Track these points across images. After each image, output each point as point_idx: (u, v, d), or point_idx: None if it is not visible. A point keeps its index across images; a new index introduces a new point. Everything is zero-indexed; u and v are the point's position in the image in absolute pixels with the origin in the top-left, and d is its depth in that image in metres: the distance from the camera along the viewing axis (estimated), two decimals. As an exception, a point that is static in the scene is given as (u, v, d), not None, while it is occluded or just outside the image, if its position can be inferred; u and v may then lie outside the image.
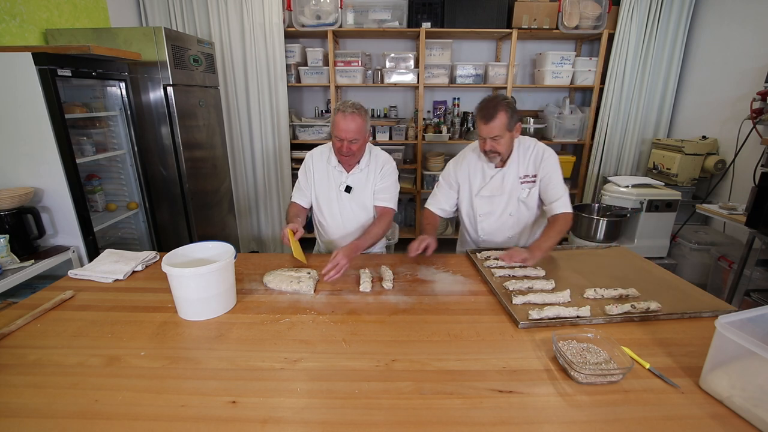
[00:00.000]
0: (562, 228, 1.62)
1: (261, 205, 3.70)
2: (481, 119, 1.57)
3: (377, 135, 3.51)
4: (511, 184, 1.73)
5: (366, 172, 1.78)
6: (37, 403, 0.88)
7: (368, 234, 1.67)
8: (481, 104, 1.60)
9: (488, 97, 1.62)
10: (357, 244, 1.58)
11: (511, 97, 1.58)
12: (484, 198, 1.78)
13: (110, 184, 2.48)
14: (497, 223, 1.80)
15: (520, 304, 1.27)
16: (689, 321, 1.21)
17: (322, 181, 1.80)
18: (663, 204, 2.81)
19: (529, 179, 1.72)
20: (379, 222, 1.75)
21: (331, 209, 1.81)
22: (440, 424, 0.83)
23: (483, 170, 1.77)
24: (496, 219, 1.80)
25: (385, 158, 1.82)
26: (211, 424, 0.83)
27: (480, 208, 1.80)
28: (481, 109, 1.58)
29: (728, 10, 2.97)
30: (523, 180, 1.72)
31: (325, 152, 1.81)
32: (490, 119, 1.54)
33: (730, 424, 0.83)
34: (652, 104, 3.44)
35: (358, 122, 1.59)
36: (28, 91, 1.75)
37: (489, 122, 1.55)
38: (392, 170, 1.81)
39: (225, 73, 3.32)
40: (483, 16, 3.21)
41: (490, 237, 1.83)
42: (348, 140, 1.61)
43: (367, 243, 1.65)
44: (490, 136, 1.58)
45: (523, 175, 1.72)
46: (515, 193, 1.73)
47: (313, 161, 1.81)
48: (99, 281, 1.46)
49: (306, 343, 1.11)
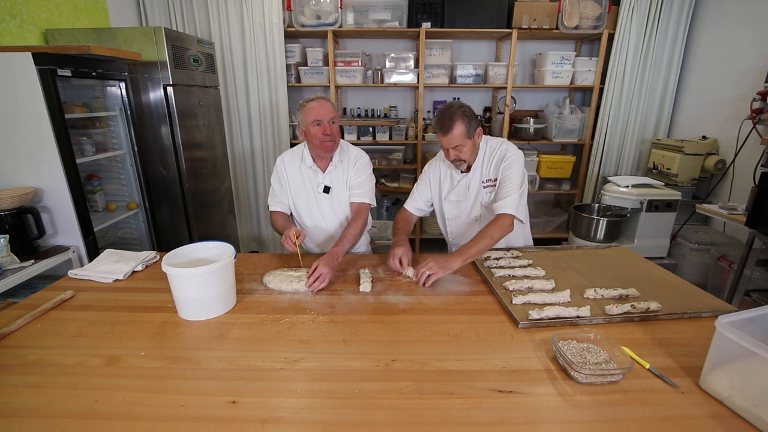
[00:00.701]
0: (495, 231, 1.51)
1: (261, 205, 3.70)
2: (439, 131, 1.57)
3: (377, 135, 3.51)
4: (476, 189, 1.73)
5: (340, 169, 1.77)
6: (37, 403, 0.88)
7: (345, 239, 1.61)
8: (437, 116, 1.59)
9: (443, 107, 1.60)
10: (336, 252, 1.52)
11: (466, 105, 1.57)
12: (452, 202, 1.79)
13: (110, 184, 2.48)
14: (464, 227, 1.82)
15: (520, 304, 1.27)
16: (689, 321, 1.21)
17: (298, 185, 1.78)
18: (663, 204, 2.81)
19: (491, 183, 1.70)
20: (355, 222, 1.70)
21: (311, 212, 1.80)
22: (440, 424, 0.83)
23: (451, 175, 1.79)
24: (462, 223, 1.82)
25: (357, 152, 1.80)
26: (211, 424, 0.83)
27: (448, 212, 1.82)
28: (438, 120, 1.57)
29: (728, 10, 2.97)
30: (485, 184, 1.71)
31: (296, 154, 1.78)
32: (448, 131, 1.54)
33: (730, 424, 0.83)
34: (652, 104, 3.44)
35: (330, 104, 1.64)
36: (28, 91, 1.75)
37: (447, 134, 1.54)
38: (366, 164, 1.80)
39: (225, 73, 3.32)
40: (483, 16, 3.21)
41: (459, 240, 1.83)
42: (328, 120, 1.61)
43: (346, 248, 1.60)
44: (451, 147, 1.58)
45: (486, 180, 1.71)
46: (479, 197, 1.73)
47: (285, 166, 1.78)
48: (99, 281, 1.46)
49: (306, 343, 1.11)
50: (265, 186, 3.63)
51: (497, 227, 1.53)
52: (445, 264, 1.43)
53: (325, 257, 1.47)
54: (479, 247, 1.49)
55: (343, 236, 1.63)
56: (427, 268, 1.42)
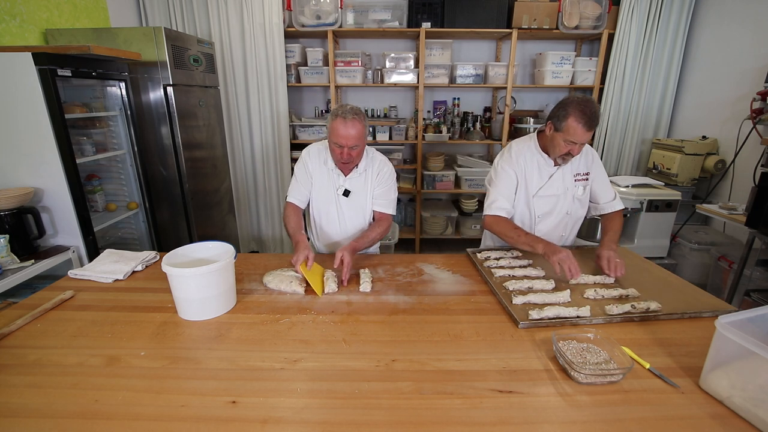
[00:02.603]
0: (622, 223, 1.71)
1: (261, 204, 3.70)
2: (584, 125, 1.46)
3: (377, 135, 3.51)
4: (568, 182, 1.71)
5: (364, 176, 1.74)
6: (37, 403, 0.88)
7: (366, 237, 1.64)
8: (583, 107, 1.46)
9: (586, 99, 1.49)
10: (355, 245, 1.56)
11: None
12: (543, 198, 1.71)
13: (110, 184, 2.48)
14: (554, 223, 1.76)
15: (520, 304, 1.27)
16: (689, 321, 1.21)
17: (321, 182, 1.75)
18: (663, 204, 2.81)
19: (582, 177, 1.72)
20: (378, 226, 1.72)
21: (328, 212, 1.78)
22: (440, 424, 0.83)
23: (539, 169, 1.69)
24: (554, 219, 1.75)
25: (382, 160, 1.78)
26: (211, 424, 0.83)
27: (539, 209, 1.73)
28: (586, 115, 1.45)
29: (728, 10, 2.97)
30: (577, 178, 1.71)
31: (322, 153, 1.75)
32: (593, 127, 1.48)
33: (730, 424, 0.83)
34: (652, 104, 3.44)
35: (358, 128, 1.54)
36: (28, 91, 1.75)
37: (590, 129, 1.48)
38: (390, 173, 1.77)
39: (225, 73, 3.32)
40: (483, 16, 3.21)
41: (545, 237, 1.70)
42: (348, 147, 1.56)
43: (364, 246, 1.63)
44: (585, 142, 1.53)
45: (576, 173, 1.71)
46: (570, 191, 1.72)
47: (310, 159, 1.75)
48: (99, 281, 1.46)
49: (306, 343, 1.11)
50: (265, 186, 3.63)
51: (622, 220, 1.72)
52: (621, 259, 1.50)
53: (347, 247, 1.51)
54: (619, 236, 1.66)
55: (364, 235, 1.66)
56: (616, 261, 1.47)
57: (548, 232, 1.76)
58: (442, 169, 3.63)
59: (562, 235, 1.81)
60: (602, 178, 1.74)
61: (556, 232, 1.78)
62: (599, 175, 1.74)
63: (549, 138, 1.60)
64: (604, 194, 1.74)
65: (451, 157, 3.86)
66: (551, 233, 1.77)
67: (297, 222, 1.70)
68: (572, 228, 1.82)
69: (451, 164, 3.77)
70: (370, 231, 1.70)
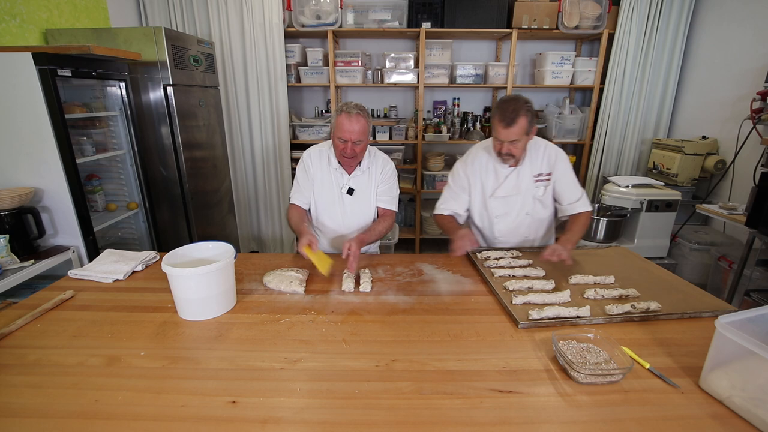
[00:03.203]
0: (585, 225, 1.67)
1: (261, 205, 3.70)
2: (500, 122, 1.51)
3: (377, 135, 3.51)
4: (526, 183, 1.71)
5: (368, 174, 1.77)
6: (37, 403, 0.88)
7: (373, 231, 1.69)
8: (501, 106, 1.52)
9: (508, 98, 1.54)
10: (363, 238, 1.61)
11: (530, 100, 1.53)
12: (499, 199, 1.74)
13: (110, 184, 2.48)
14: (514, 224, 1.77)
15: (520, 304, 1.27)
16: (689, 321, 1.21)
17: (324, 182, 1.77)
18: (663, 204, 2.81)
19: (544, 177, 1.70)
20: (383, 221, 1.77)
21: (332, 211, 1.79)
22: (440, 424, 0.83)
23: (495, 170, 1.73)
24: (512, 219, 1.77)
25: (385, 159, 1.81)
26: (211, 424, 0.83)
27: (495, 210, 1.76)
28: (501, 112, 1.50)
29: (728, 10, 2.97)
30: (537, 178, 1.70)
31: (324, 153, 1.77)
32: (511, 124, 1.49)
33: (730, 424, 0.83)
34: (652, 104, 3.44)
35: (362, 123, 1.58)
36: (28, 91, 1.75)
37: (509, 126, 1.50)
38: (393, 171, 1.82)
39: (225, 73, 3.32)
40: (483, 16, 3.21)
41: (506, 238, 1.80)
42: (352, 141, 1.59)
43: (372, 239, 1.68)
44: (509, 140, 1.54)
45: (537, 174, 1.70)
46: (530, 192, 1.72)
47: (312, 161, 1.77)
48: (99, 281, 1.46)
49: (306, 343, 1.11)
50: (265, 186, 3.63)
51: (587, 220, 1.68)
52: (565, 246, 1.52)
53: (355, 238, 1.56)
54: (579, 236, 1.63)
55: (372, 228, 1.71)
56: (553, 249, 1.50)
57: (508, 232, 1.79)
58: (442, 169, 3.62)
59: (526, 237, 1.80)
60: (567, 179, 1.71)
61: (518, 233, 1.78)
62: (563, 176, 1.70)
63: None
64: (567, 195, 1.71)
65: (451, 157, 3.85)
66: (511, 234, 1.79)
67: (299, 216, 1.74)
68: (537, 229, 1.80)
69: (451, 164, 3.74)
70: (376, 224, 1.74)
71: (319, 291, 1.40)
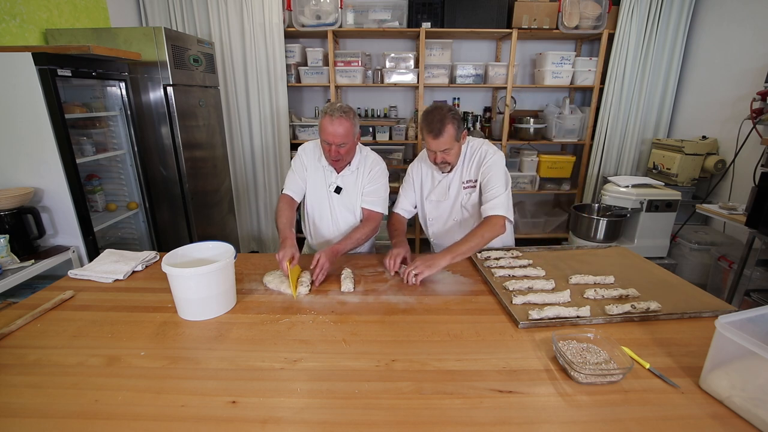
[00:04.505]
0: (487, 232, 1.51)
1: (261, 204, 3.70)
2: (428, 133, 1.54)
3: (377, 135, 3.51)
4: (455, 189, 1.72)
5: (356, 174, 1.76)
6: (37, 403, 0.88)
7: (349, 239, 1.62)
8: (426, 117, 1.54)
9: (432, 108, 1.56)
10: (337, 248, 1.54)
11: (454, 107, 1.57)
12: (432, 202, 1.79)
13: (110, 184, 2.48)
14: (444, 228, 1.81)
15: (520, 304, 1.27)
16: (689, 321, 1.21)
17: (315, 178, 1.77)
18: (663, 204, 2.81)
19: (471, 184, 1.70)
20: (364, 226, 1.71)
21: (321, 209, 1.80)
22: (440, 424, 0.83)
23: (432, 175, 1.78)
24: (443, 224, 1.81)
25: (375, 159, 1.79)
26: (211, 424, 0.83)
27: (429, 212, 1.81)
28: (427, 123, 1.53)
29: (728, 10, 2.97)
30: (465, 185, 1.70)
31: (316, 150, 1.77)
32: (439, 134, 1.51)
33: (730, 424, 0.83)
34: (652, 104, 3.44)
35: (345, 126, 1.55)
36: (28, 91, 1.75)
37: (437, 137, 1.52)
38: (381, 172, 1.78)
39: (225, 73, 3.32)
40: (483, 16, 3.21)
41: (440, 241, 1.83)
42: (336, 144, 1.58)
43: (348, 247, 1.61)
44: (440, 150, 1.56)
45: (466, 180, 1.70)
46: (459, 198, 1.73)
47: (305, 155, 1.77)
48: (99, 281, 1.46)
49: (306, 343, 1.11)
50: (265, 186, 3.63)
51: (489, 227, 1.53)
52: (432, 262, 1.42)
53: (327, 250, 1.50)
54: (469, 246, 1.48)
55: (349, 236, 1.64)
56: (414, 267, 1.41)
57: (440, 234, 1.83)
58: (442, 169, 3.62)
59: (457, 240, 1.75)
60: (489, 180, 1.61)
61: (449, 237, 1.76)
62: (487, 177, 1.62)
63: None
64: (485, 196, 1.61)
65: (451, 157, 3.85)
66: (444, 237, 1.81)
67: (288, 217, 1.66)
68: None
69: (451, 164, 3.77)
70: (354, 232, 1.67)
71: (319, 291, 1.40)
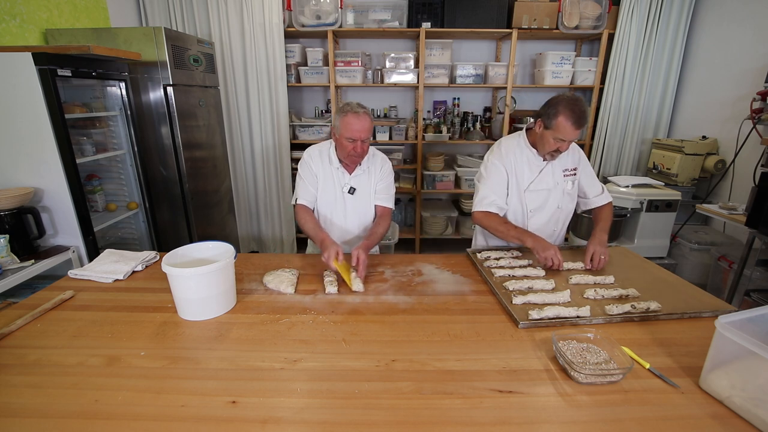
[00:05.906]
0: (611, 216, 1.77)
1: (261, 205, 3.70)
2: (573, 123, 1.49)
3: (377, 135, 3.51)
4: (557, 177, 1.74)
5: (367, 173, 1.78)
6: (37, 403, 0.88)
7: (374, 235, 1.70)
8: (574, 108, 1.49)
9: (575, 98, 1.52)
10: (367, 244, 1.60)
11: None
12: (535, 192, 1.74)
13: (110, 184, 2.48)
14: (546, 217, 1.79)
15: (520, 304, 1.27)
16: (689, 321, 1.21)
17: (326, 182, 1.77)
18: (663, 204, 2.81)
19: (570, 172, 1.76)
20: (382, 222, 1.77)
21: (334, 211, 1.80)
22: (440, 424, 0.83)
23: (530, 163, 1.72)
24: (546, 213, 1.78)
25: (383, 158, 1.84)
26: (211, 424, 0.83)
27: (531, 203, 1.75)
28: (575, 113, 1.49)
29: (728, 10, 2.97)
30: (565, 173, 1.75)
31: (324, 152, 1.77)
32: (581, 126, 1.51)
33: (730, 424, 0.83)
34: (652, 104, 3.44)
35: (369, 121, 1.62)
36: (28, 91, 1.75)
37: (580, 128, 1.52)
38: (390, 170, 1.84)
39: (225, 73, 3.32)
40: (483, 16, 3.21)
41: (538, 233, 1.73)
42: (361, 140, 1.61)
43: (375, 243, 1.68)
44: (575, 140, 1.60)
45: (565, 169, 1.75)
46: (560, 186, 1.75)
47: (313, 160, 1.76)
48: (99, 281, 1.46)
49: (306, 343, 1.11)
50: (265, 186, 3.63)
51: (611, 212, 1.78)
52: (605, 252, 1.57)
53: (361, 246, 1.54)
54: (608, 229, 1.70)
55: (372, 233, 1.71)
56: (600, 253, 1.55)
57: (541, 227, 1.78)
58: (442, 169, 3.63)
59: (554, 230, 1.83)
60: (589, 174, 1.81)
61: (549, 227, 1.81)
62: (586, 171, 1.80)
63: (538, 135, 1.65)
64: (591, 189, 1.81)
65: (451, 157, 3.86)
66: (544, 228, 1.79)
67: (314, 222, 1.71)
68: (563, 223, 1.84)
69: (451, 164, 3.77)
70: (376, 227, 1.74)
71: (319, 291, 1.40)
